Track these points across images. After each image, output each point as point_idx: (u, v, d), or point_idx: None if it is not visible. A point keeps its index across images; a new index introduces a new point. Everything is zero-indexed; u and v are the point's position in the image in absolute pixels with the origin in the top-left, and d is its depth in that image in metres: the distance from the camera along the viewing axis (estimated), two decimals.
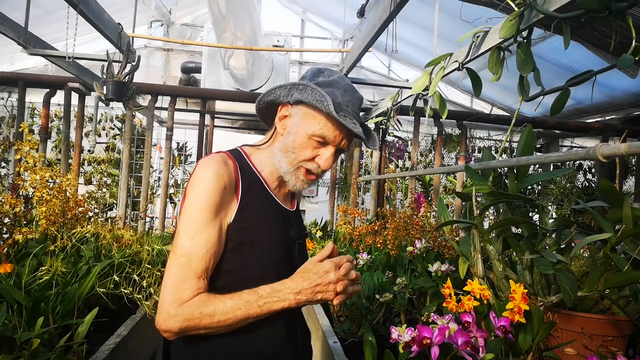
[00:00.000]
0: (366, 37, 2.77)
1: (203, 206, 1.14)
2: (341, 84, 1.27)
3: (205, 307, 1.09)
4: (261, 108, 1.36)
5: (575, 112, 5.53)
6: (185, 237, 1.13)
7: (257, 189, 1.27)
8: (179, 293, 1.09)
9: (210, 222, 1.14)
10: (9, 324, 1.53)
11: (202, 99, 5.23)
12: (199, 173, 1.18)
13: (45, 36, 3.49)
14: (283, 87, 1.28)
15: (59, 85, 4.34)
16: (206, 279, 1.14)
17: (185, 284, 1.10)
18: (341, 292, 1.16)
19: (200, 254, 1.12)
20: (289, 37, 5.75)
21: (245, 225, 1.20)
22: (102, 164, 5.99)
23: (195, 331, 1.10)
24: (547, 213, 1.48)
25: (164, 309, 1.09)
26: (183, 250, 1.12)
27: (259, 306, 1.12)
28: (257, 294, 1.13)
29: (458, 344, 1.01)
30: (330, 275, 1.14)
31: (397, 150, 5.52)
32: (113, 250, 2.39)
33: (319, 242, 3.45)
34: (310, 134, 1.23)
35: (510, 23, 1.53)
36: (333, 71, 1.32)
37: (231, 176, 1.20)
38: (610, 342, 1.16)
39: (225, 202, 1.18)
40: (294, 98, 1.25)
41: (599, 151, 1.01)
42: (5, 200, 2.16)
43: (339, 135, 1.25)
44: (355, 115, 1.27)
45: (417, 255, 2.18)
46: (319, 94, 1.20)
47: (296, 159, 1.26)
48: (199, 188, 1.16)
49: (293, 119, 1.27)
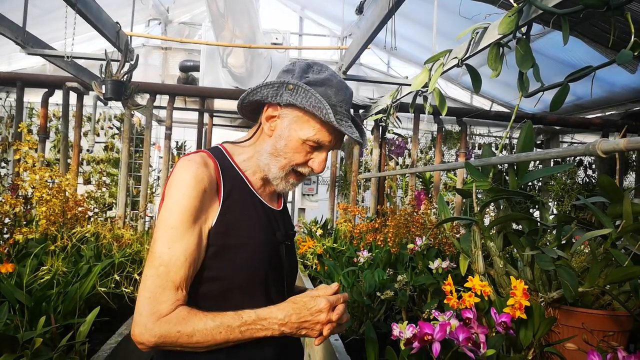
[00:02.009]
0: (365, 34, 2.77)
1: (181, 212, 1.08)
2: (333, 82, 1.20)
3: (184, 325, 1.04)
4: (244, 105, 1.28)
5: (575, 107, 5.54)
6: (163, 245, 1.08)
7: (240, 189, 1.21)
8: (157, 305, 1.04)
9: (189, 228, 1.08)
10: (10, 324, 1.54)
11: (200, 97, 5.23)
12: (177, 175, 1.12)
13: (42, 35, 3.49)
14: (270, 85, 1.20)
15: (57, 85, 4.34)
16: (185, 289, 1.09)
17: (164, 296, 1.05)
18: (326, 335, 1.11)
19: (179, 263, 1.07)
20: (287, 35, 5.75)
21: (228, 229, 1.15)
22: (101, 163, 5.99)
23: (171, 347, 1.05)
24: (547, 209, 1.48)
25: (140, 322, 1.04)
26: (161, 259, 1.07)
27: (240, 332, 1.06)
28: (241, 319, 1.07)
29: (459, 340, 1.01)
30: (321, 316, 1.09)
31: (397, 147, 5.52)
32: (113, 250, 2.39)
33: (319, 240, 3.45)
34: (305, 139, 1.18)
35: (509, 19, 1.53)
36: (323, 66, 1.25)
37: (212, 178, 1.14)
38: (611, 337, 1.16)
39: (205, 206, 1.12)
40: (285, 100, 1.17)
41: (598, 147, 1.01)
42: (6, 200, 2.16)
43: (334, 139, 1.21)
44: (348, 114, 1.22)
45: (418, 252, 2.18)
46: (315, 99, 1.14)
47: (288, 164, 1.20)
48: (177, 192, 1.10)
49: (283, 121, 1.20)
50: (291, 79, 1.19)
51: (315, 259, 3.14)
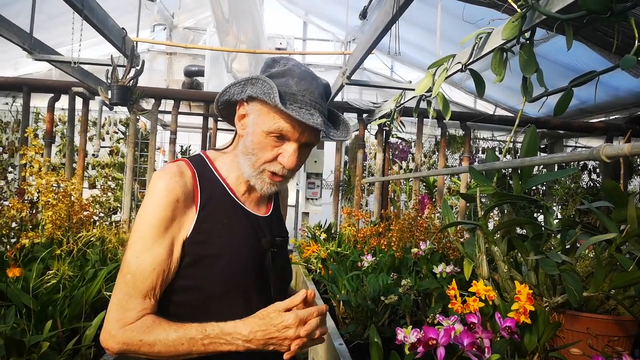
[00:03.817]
0: (369, 39, 2.78)
1: (151, 222, 1.08)
2: (296, 72, 1.14)
3: (147, 334, 1.03)
4: (222, 110, 1.24)
5: (579, 112, 5.53)
6: (132, 254, 1.08)
7: (219, 197, 1.18)
8: (124, 312, 1.05)
9: (158, 239, 1.08)
10: (17, 328, 1.55)
11: (205, 102, 5.26)
12: (151, 185, 1.11)
13: (48, 41, 3.52)
14: (238, 83, 1.17)
15: (63, 90, 4.38)
16: (153, 298, 1.08)
17: (131, 303, 1.06)
18: (293, 350, 1.06)
19: (146, 273, 1.07)
20: (291, 40, 5.78)
21: (205, 238, 1.13)
22: (106, 167, 6.01)
23: (135, 355, 1.05)
24: (551, 213, 1.48)
25: (107, 327, 1.05)
26: (129, 268, 1.07)
27: (203, 345, 1.04)
28: (204, 332, 1.05)
29: (464, 345, 1.01)
30: (289, 332, 1.04)
31: (401, 151, 5.52)
32: (119, 254, 2.40)
33: (323, 244, 3.45)
34: (267, 131, 1.12)
35: (512, 24, 1.54)
36: (289, 59, 1.20)
37: (186, 188, 1.12)
38: (615, 342, 1.16)
39: (177, 216, 1.10)
40: (247, 94, 1.13)
41: (602, 152, 1.02)
42: (12, 205, 2.17)
43: (298, 128, 1.12)
44: (315, 104, 1.12)
45: (422, 256, 2.18)
46: (267, 86, 1.08)
47: (257, 162, 1.16)
48: (149, 202, 1.09)
49: (250, 117, 1.16)
50: (256, 74, 1.15)
51: (320, 263, 3.14)
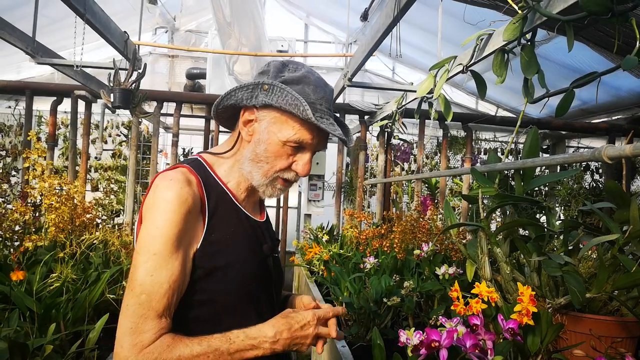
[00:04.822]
0: (370, 41, 2.78)
1: (165, 237, 1.00)
2: (311, 79, 1.13)
3: (169, 353, 0.97)
4: (220, 112, 1.21)
5: (580, 112, 5.52)
6: (145, 272, 1.00)
7: (225, 205, 1.14)
8: (139, 335, 0.97)
9: (173, 254, 1.01)
10: (21, 331, 1.55)
11: (207, 104, 5.26)
12: (159, 196, 1.03)
13: (50, 44, 3.53)
14: (244, 88, 1.13)
15: (66, 93, 4.39)
16: (169, 317, 1.02)
17: (146, 325, 0.98)
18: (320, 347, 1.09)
19: (162, 291, 1.00)
20: (292, 42, 5.80)
21: (216, 249, 1.09)
22: (108, 170, 6.03)
23: None
24: (554, 214, 1.48)
25: (122, 354, 0.97)
26: (143, 287, 0.99)
27: (230, 354, 1.00)
28: (229, 340, 1.01)
29: (466, 347, 1.01)
30: (309, 330, 1.07)
31: (403, 153, 5.53)
32: (122, 257, 2.40)
33: (325, 246, 3.45)
34: (285, 141, 1.11)
35: (513, 26, 1.54)
36: (299, 64, 1.19)
37: (196, 196, 1.06)
38: (619, 344, 1.16)
39: (189, 228, 1.05)
40: (260, 101, 1.10)
41: (604, 153, 1.02)
42: (16, 208, 2.18)
43: (316, 138, 1.13)
44: (330, 112, 1.15)
45: (424, 258, 2.18)
46: (291, 97, 1.07)
47: (271, 170, 1.14)
48: (160, 215, 1.01)
49: (261, 124, 1.13)
50: (267, 79, 1.13)
51: (322, 265, 3.14)
